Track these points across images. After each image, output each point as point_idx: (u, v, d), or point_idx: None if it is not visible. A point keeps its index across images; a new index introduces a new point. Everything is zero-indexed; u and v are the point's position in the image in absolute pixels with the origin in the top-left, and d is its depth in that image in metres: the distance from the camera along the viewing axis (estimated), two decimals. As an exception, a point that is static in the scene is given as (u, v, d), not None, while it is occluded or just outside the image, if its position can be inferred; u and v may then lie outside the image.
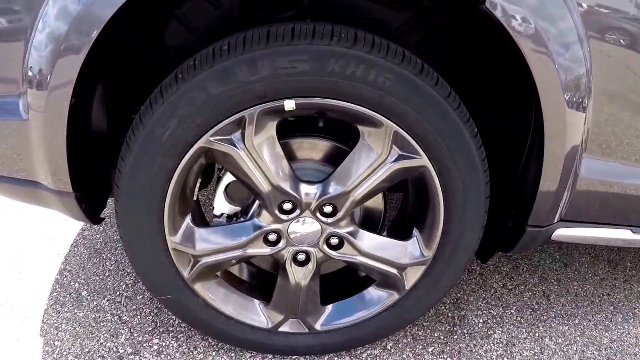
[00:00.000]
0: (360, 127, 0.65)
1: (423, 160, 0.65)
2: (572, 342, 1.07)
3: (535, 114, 0.66)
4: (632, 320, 1.21)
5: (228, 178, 0.74)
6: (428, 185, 0.68)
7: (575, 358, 1.02)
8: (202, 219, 0.81)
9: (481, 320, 1.07)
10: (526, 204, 0.73)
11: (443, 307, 1.08)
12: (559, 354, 1.02)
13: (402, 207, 0.90)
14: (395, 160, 0.66)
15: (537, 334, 1.06)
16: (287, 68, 0.57)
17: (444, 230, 0.71)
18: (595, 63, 0.61)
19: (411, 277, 0.77)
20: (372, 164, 0.66)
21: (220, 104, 0.59)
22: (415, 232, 0.75)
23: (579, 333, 1.11)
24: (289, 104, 0.59)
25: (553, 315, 1.15)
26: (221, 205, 0.78)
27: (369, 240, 0.74)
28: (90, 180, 0.71)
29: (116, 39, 0.64)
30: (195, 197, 0.75)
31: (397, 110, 0.61)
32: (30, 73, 0.56)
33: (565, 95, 0.62)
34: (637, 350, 1.08)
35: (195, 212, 0.75)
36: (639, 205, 0.82)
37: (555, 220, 0.78)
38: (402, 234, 0.77)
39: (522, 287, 1.22)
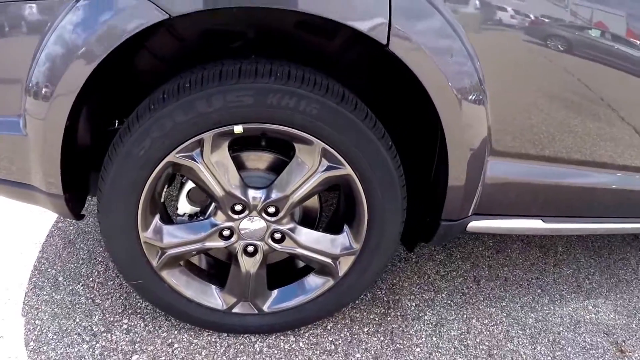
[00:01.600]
0: (295, 144, 0.85)
1: (347, 170, 0.85)
2: (498, 322, 1.32)
3: (440, 131, 0.89)
4: (559, 301, 1.48)
5: (190, 185, 0.94)
6: (353, 190, 0.89)
7: (500, 337, 1.27)
8: (168, 218, 1.02)
9: (414, 304, 1.32)
10: (439, 202, 0.97)
11: (379, 292, 1.33)
12: (485, 333, 1.27)
13: (336, 207, 1.13)
14: (325, 170, 0.86)
15: (465, 316, 1.31)
16: (236, 101, 0.77)
17: (369, 225, 0.93)
18: (488, 80, 0.83)
19: (344, 266, 1.00)
20: (306, 173, 0.87)
21: (184, 129, 0.79)
22: (346, 227, 0.97)
23: (505, 314, 1.36)
24: (238, 129, 0.80)
25: (481, 299, 1.40)
26: (184, 207, 0.98)
27: (306, 235, 0.95)
28: (75, 183, 0.90)
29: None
30: (162, 200, 0.96)
31: (323, 132, 0.82)
32: (32, 102, 0.75)
33: (463, 114, 0.85)
34: (561, 329, 1.34)
35: (162, 211, 0.95)
36: (545, 198, 1.07)
37: (469, 214, 1.01)
38: (335, 230, 1.00)
39: (454, 273, 1.47)
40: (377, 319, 1.22)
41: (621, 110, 0.97)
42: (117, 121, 1.00)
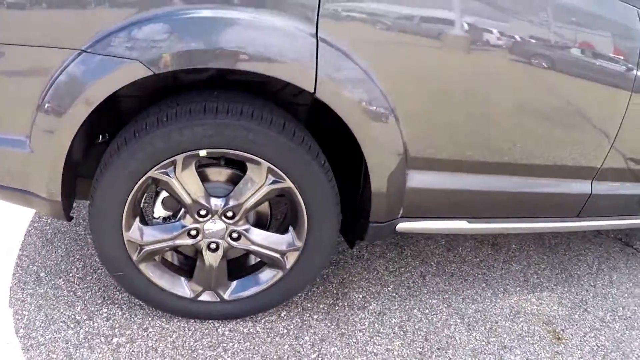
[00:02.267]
0: (247, 164, 1.34)
1: (288, 183, 1.34)
2: (438, 312, 1.87)
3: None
4: (502, 294, 2.04)
5: (164, 194, 1.44)
6: (294, 199, 1.38)
7: (438, 324, 1.82)
8: (143, 218, 1.54)
9: (360, 296, 1.87)
10: (366, 208, 1.51)
11: (330, 286, 1.88)
12: (424, 321, 1.82)
13: (286, 212, 1.67)
14: (271, 183, 1.35)
15: (407, 306, 1.87)
16: (201, 133, 1.28)
17: (308, 227, 1.43)
18: (400, 113, 1.35)
19: (290, 260, 1.52)
20: (255, 186, 1.36)
21: (162, 152, 1.27)
22: (290, 229, 1.46)
23: (446, 305, 1.92)
24: (203, 153, 1.31)
25: (425, 292, 1.96)
26: (159, 211, 1.48)
27: (258, 235, 1.45)
28: (67, 190, 1.42)
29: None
30: (141, 205, 1.47)
31: (268, 155, 1.32)
32: (43, 127, 1.25)
33: (379, 140, 1.37)
34: (500, 318, 1.90)
35: (141, 215, 1.46)
36: (465, 203, 1.60)
37: (396, 217, 1.54)
38: (284, 230, 1.53)
39: (403, 269, 2.03)
40: (326, 308, 1.77)
41: (521, 120, 1.52)
42: (101, 136, 1.53)
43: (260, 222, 1.55)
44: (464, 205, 1.62)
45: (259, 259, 1.59)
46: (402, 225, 1.58)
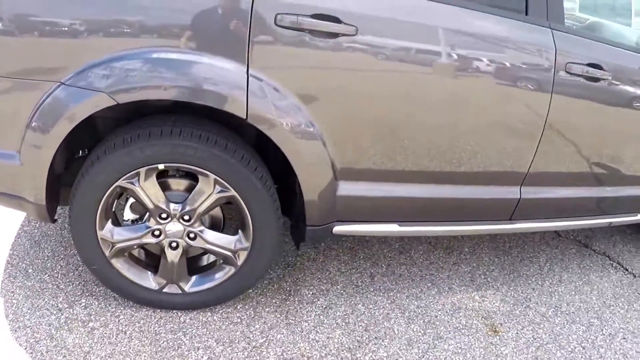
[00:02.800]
0: (199, 176, 1.79)
1: (232, 192, 1.75)
2: (381, 307, 2.27)
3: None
4: (446, 293, 2.43)
5: (132, 200, 1.90)
6: (240, 205, 1.82)
7: (379, 318, 2.22)
8: (117, 221, 1.96)
9: (311, 293, 2.28)
10: (304, 213, 1.93)
11: (284, 284, 2.29)
12: (366, 314, 2.22)
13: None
14: (218, 192, 1.77)
15: (353, 302, 2.27)
16: (160, 151, 1.71)
17: (253, 230, 1.84)
18: (325, 132, 1.77)
19: (241, 257, 1.94)
20: (205, 194, 1.79)
21: (128, 166, 1.69)
22: (239, 231, 1.91)
23: (389, 301, 2.32)
24: (161, 167, 1.74)
25: (372, 290, 2.36)
26: (128, 214, 1.91)
27: (211, 235, 1.87)
28: (52, 196, 1.85)
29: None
30: (112, 209, 1.91)
31: (214, 169, 1.73)
32: (31, 143, 1.68)
33: (307, 157, 1.80)
34: (440, 313, 2.28)
35: (113, 217, 1.90)
36: (394, 208, 2.01)
37: (333, 221, 1.94)
38: (234, 232, 1.96)
39: (354, 270, 2.44)
40: (278, 302, 2.19)
41: (441, 134, 1.92)
42: (81, 151, 1.97)
43: (215, 225, 1.97)
44: (394, 211, 2.04)
45: (215, 258, 2.01)
46: (338, 228, 1.99)
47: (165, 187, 1.85)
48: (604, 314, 2.45)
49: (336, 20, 1.67)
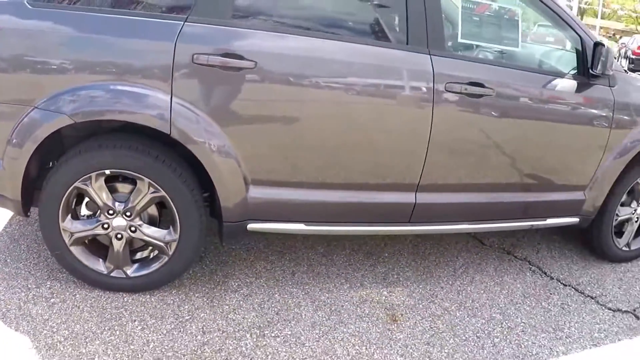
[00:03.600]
0: (137, 180, 2.34)
1: (162, 193, 2.30)
2: (294, 297, 2.73)
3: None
4: (357, 287, 2.88)
5: (87, 199, 2.46)
6: (169, 204, 2.35)
7: (291, 304, 2.68)
8: (75, 215, 2.51)
9: (236, 284, 2.78)
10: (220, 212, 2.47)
11: (215, 277, 2.80)
12: (280, 302, 2.68)
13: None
14: (152, 193, 2.32)
15: (271, 292, 2.71)
16: (105, 160, 2.26)
17: (180, 225, 2.38)
18: (236, 147, 2.32)
19: (172, 248, 2.47)
20: (142, 194, 2.33)
21: (81, 171, 2.24)
22: (170, 225, 2.45)
23: (303, 293, 2.80)
24: (107, 172, 2.30)
25: (290, 284, 2.85)
26: (84, 210, 2.48)
27: (147, 229, 2.41)
28: (26, 195, 2.42)
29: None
30: (72, 206, 2.46)
31: (147, 174, 2.25)
32: (10, 154, 2.27)
33: (221, 167, 2.34)
34: (346, 303, 2.71)
35: (73, 212, 2.45)
36: (300, 210, 2.54)
37: (246, 220, 2.48)
38: (167, 227, 2.50)
39: (278, 268, 2.94)
40: (207, 290, 2.70)
41: (338, 148, 2.47)
42: (51, 163, 2.55)
43: (153, 221, 2.52)
44: (300, 212, 2.56)
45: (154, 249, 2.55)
46: (252, 226, 2.53)
47: (113, 190, 2.41)
48: (508, 310, 2.88)
49: (240, 57, 2.26)
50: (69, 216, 2.42)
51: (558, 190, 3.08)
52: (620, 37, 31.02)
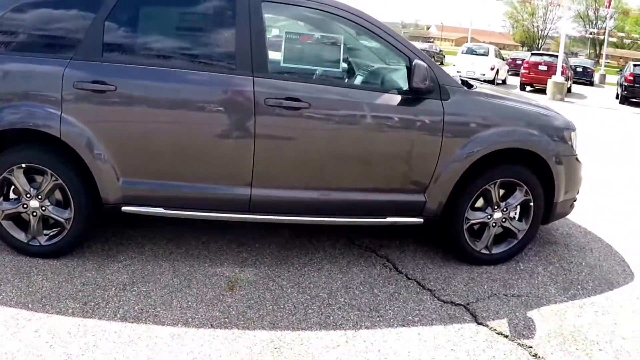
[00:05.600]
0: (48, 170, 3.46)
1: (60, 181, 3.45)
2: (162, 268, 3.68)
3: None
4: (216, 266, 3.76)
5: (14, 186, 3.60)
6: (65, 189, 3.48)
7: (156, 273, 3.63)
8: (7, 198, 3.65)
9: (123, 257, 3.77)
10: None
11: (111, 252, 3.82)
12: (149, 268, 3.63)
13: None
14: (54, 181, 3.47)
15: (146, 264, 3.69)
16: (21, 156, 3.43)
17: (74, 205, 3.49)
18: (112, 156, 3.39)
19: (70, 223, 3.55)
20: (47, 182, 3.48)
21: (7, 166, 3.45)
22: (69, 207, 3.55)
23: (170, 266, 3.71)
24: (24, 165, 3.45)
25: (164, 260, 3.79)
26: (12, 194, 3.65)
27: (54, 208, 3.56)
28: None
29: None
30: (4, 192, 3.61)
31: (51, 167, 3.42)
32: None
33: (99, 166, 3.39)
34: (200, 275, 3.64)
35: (6, 195, 3.60)
36: (160, 197, 3.54)
37: (120, 203, 3.54)
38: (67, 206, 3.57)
39: (160, 249, 3.92)
40: (100, 259, 3.73)
41: (191, 149, 3.45)
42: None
43: (59, 203, 3.59)
44: (160, 199, 3.55)
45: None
46: (125, 208, 3.56)
47: (31, 180, 3.53)
48: (338, 292, 3.60)
49: (103, 82, 3.36)
50: (1, 198, 3.55)
51: (395, 192, 3.76)
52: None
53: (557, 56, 20.21)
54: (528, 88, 22.28)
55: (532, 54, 24.24)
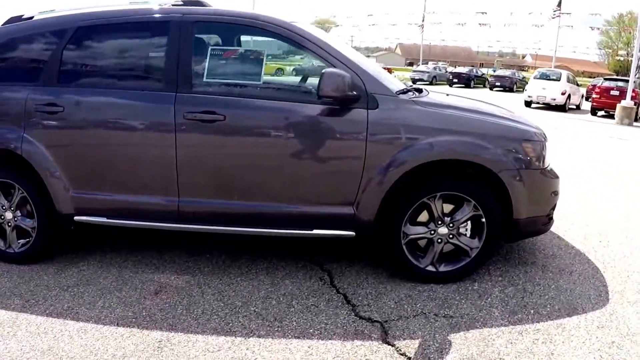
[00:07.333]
0: (13, 186, 4.11)
1: (25, 194, 4.09)
2: (109, 274, 4.09)
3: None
4: (159, 273, 4.13)
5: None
6: (30, 201, 4.08)
7: (100, 278, 4.04)
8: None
9: (82, 263, 4.26)
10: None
11: (75, 259, 4.34)
12: (104, 268, 4.03)
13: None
14: (21, 193, 4.12)
15: (97, 270, 4.11)
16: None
17: (36, 215, 4.09)
18: (64, 172, 3.90)
19: (35, 232, 4.10)
20: (15, 194, 4.15)
21: None
22: (33, 217, 4.11)
23: (117, 272, 4.18)
24: (-2, 180, 4.14)
25: (116, 267, 4.26)
26: None
27: (21, 218, 4.21)
28: None
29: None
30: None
31: (17, 182, 4.05)
32: None
33: (53, 180, 3.92)
34: (130, 277, 3.96)
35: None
36: (102, 207, 4.02)
37: (71, 213, 4.07)
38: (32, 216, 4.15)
39: (118, 257, 4.38)
40: (61, 265, 4.31)
41: (133, 160, 3.85)
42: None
43: (27, 212, 4.17)
44: (102, 209, 3.99)
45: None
46: (77, 218, 4.05)
47: (7, 194, 4.18)
48: (254, 302, 3.75)
49: (54, 104, 3.94)
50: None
51: (323, 204, 3.77)
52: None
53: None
54: (600, 113, 22.39)
55: (605, 79, 24.71)
